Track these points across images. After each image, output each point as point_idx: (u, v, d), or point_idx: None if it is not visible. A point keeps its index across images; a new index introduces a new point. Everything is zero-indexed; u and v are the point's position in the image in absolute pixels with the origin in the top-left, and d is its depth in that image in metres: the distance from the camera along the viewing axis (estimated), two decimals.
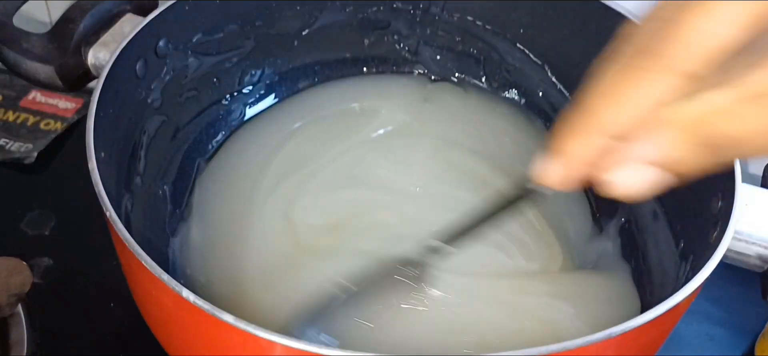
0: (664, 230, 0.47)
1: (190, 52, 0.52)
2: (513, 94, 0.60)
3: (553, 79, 0.57)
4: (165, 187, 0.51)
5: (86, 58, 0.48)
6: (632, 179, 0.26)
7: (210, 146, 0.55)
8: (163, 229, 0.49)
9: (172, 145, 0.52)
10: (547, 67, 0.57)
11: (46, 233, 0.55)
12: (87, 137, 0.39)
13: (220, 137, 0.56)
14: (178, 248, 0.49)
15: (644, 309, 0.38)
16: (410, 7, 0.59)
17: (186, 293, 0.32)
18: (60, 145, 0.63)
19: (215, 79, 0.55)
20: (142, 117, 0.49)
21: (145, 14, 0.48)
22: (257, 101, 0.58)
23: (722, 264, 0.36)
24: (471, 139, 0.57)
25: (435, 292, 0.44)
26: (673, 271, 0.45)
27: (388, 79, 0.61)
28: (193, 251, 0.48)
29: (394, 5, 0.59)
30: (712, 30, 0.22)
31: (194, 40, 0.52)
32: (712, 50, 0.22)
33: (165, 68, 0.50)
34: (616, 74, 0.24)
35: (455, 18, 0.59)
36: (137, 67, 0.48)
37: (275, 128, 0.57)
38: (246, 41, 0.56)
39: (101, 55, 0.48)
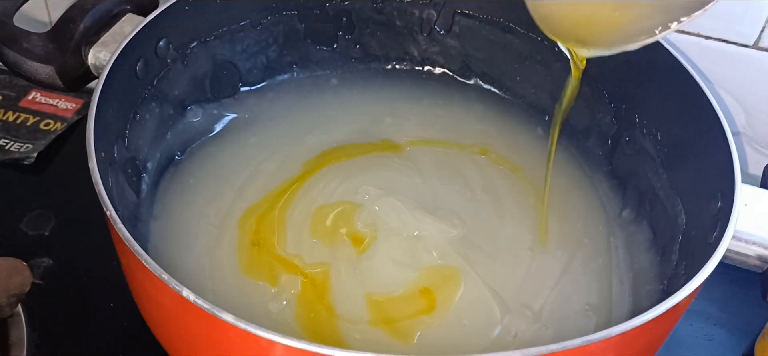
0: (665, 229, 0.47)
1: (189, 52, 0.52)
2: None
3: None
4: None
5: (86, 58, 0.48)
6: None
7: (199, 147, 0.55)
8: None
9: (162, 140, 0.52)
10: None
11: (46, 233, 0.55)
12: (87, 137, 0.39)
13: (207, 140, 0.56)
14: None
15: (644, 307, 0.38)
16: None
17: (186, 292, 0.32)
18: (60, 145, 0.63)
19: (215, 78, 0.55)
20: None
21: (145, 14, 0.48)
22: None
23: (722, 264, 0.36)
24: None
25: None
26: (670, 270, 0.45)
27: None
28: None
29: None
30: None
31: (194, 40, 0.52)
32: None
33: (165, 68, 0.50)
34: None
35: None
36: (137, 67, 0.48)
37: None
38: (247, 42, 0.56)
39: (101, 55, 0.48)
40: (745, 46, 0.54)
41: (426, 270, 0.47)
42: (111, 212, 0.36)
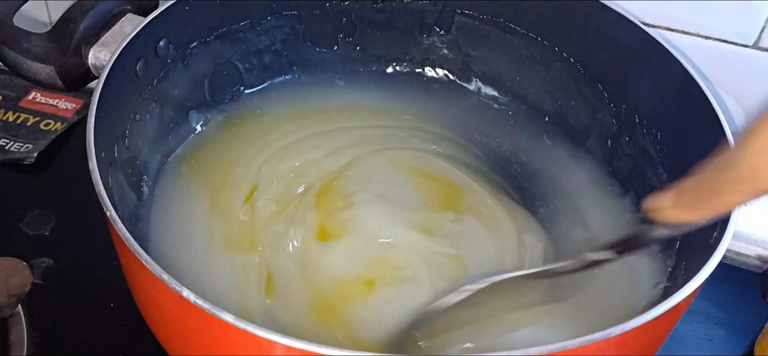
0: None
1: (189, 52, 0.52)
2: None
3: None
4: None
5: (86, 58, 0.48)
6: None
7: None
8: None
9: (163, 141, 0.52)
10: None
11: (46, 233, 0.55)
12: (87, 137, 0.39)
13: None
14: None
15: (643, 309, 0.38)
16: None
17: (186, 292, 0.32)
18: (60, 145, 0.63)
19: (215, 79, 0.56)
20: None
21: (145, 14, 0.48)
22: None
23: (722, 264, 0.36)
24: None
25: None
26: (670, 270, 0.45)
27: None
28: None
29: None
30: None
31: (194, 40, 0.52)
32: None
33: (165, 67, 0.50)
34: None
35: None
36: (137, 67, 0.48)
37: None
38: (248, 42, 0.56)
39: (101, 55, 0.48)
40: (745, 46, 0.54)
41: (380, 269, 0.46)
42: (111, 212, 0.36)
